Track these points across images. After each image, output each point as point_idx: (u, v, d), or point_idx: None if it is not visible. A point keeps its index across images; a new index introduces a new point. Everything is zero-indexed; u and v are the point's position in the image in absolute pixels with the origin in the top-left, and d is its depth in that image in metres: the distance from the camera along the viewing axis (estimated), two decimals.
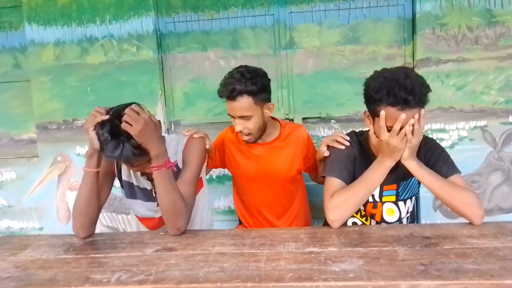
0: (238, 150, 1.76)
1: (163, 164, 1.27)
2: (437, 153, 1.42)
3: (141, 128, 1.19)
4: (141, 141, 1.21)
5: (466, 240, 1.16)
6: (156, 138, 1.24)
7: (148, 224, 1.60)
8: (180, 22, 2.40)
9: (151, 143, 1.23)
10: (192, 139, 1.50)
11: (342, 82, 2.35)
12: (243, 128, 1.59)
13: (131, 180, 1.51)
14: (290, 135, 1.73)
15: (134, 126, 1.18)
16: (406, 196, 1.52)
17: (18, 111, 2.57)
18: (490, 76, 2.22)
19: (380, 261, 1.04)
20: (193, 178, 1.42)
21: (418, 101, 1.21)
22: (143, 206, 1.53)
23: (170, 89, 2.44)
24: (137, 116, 1.19)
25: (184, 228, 1.34)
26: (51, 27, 2.37)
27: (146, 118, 1.21)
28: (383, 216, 1.52)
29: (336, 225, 1.32)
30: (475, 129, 2.26)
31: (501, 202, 2.32)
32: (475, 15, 2.19)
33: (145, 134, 1.20)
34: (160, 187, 1.29)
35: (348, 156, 1.45)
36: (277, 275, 0.99)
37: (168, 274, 1.04)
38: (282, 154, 1.71)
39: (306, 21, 2.33)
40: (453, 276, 0.92)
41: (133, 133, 1.18)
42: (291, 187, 1.78)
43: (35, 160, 2.50)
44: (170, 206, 1.29)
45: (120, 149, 1.20)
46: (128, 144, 1.20)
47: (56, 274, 1.09)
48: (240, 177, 1.80)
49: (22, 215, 2.57)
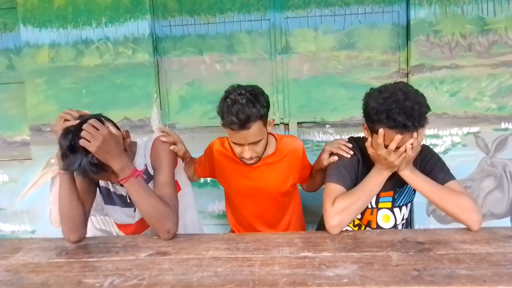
0: (228, 164, 1.66)
1: (130, 175, 1.25)
2: (433, 161, 1.43)
3: (99, 144, 1.16)
4: (101, 157, 1.19)
5: (459, 245, 1.17)
6: (117, 153, 1.22)
7: (126, 230, 1.57)
8: (176, 26, 2.40)
9: (111, 158, 1.21)
10: (157, 141, 1.47)
11: (337, 87, 2.36)
12: (252, 154, 1.48)
13: (108, 186, 1.49)
14: (286, 150, 1.62)
15: (92, 142, 1.16)
16: (402, 202, 1.53)
17: (11, 113, 2.55)
18: (483, 83, 2.24)
19: (374, 266, 1.04)
20: (167, 179, 1.39)
21: (417, 125, 1.22)
22: (121, 211, 1.51)
23: (166, 92, 2.44)
24: (96, 132, 1.17)
25: (174, 230, 1.32)
26: (47, 29, 2.36)
27: (105, 134, 1.18)
28: (378, 223, 1.52)
29: (335, 231, 1.31)
30: (468, 135, 2.28)
31: (493, 208, 2.34)
32: (468, 22, 2.21)
33: (104, 150, 1.18)
34: (134, 196, 1.27)
35: (352, 164, 1.45)
36: (271, 280, 0.99)
37: (161, 279, 1.03)
38: (276, 170, 1.62)
39: (302, 26, 2.35)
40: (446, 282, 0.93)
41: (91, 149, 1.16)
42: (283, 200, 1.72)
43: (28, 163, 2.48)
44: (152, 211, 1.28)
45: (78, 164, 1.18)
46: (86, 159, 1.18)
47: (48, 278, 1.08)
48: (230, 191, 1.75)
49: (14, 218, 2.54)
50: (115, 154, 1.21)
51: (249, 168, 1.59)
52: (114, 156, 1.21)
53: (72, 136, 1.19)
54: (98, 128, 1.18)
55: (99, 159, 1.19)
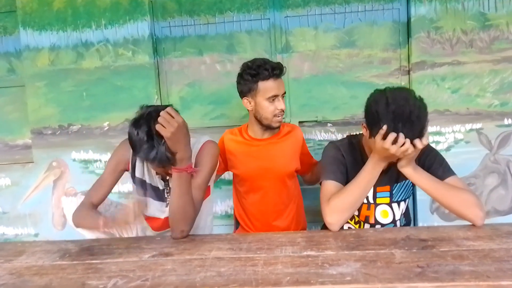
0: (238, 147, 1.81)
1: (185, 168, 1.31)
2: (432, 156, 1.43)
3: (173, 131, 1.22)
4: (171, 144, 1.24)
5: (462, 242, 1.17)
6: (185, 143, 1.28)
7: (153, 224, 1.60)
8: (176, 27, 2.40)
9: (180, 146, 1.26)
10: (207, 144, 1.51)
11: (338, 85, 2.35)
12: (284, 107, 1.70)
13: (144, 178, 1.53)
14: (288, 133, 1.83)
15: (167, 128, 1.21)
16: (400, 198, 1.53)
17: (12, 117, 2.55)
18: (485, 79, 2.23)
19: (377, 264, 1.04)
20: (202, 185, 1.44)
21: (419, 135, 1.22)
22: (152, 205, 1.55)
23: (166, 94, 2.44)
24: (171, 119, 1.22)
25: (187, 232, 1.37)
26: (46, 32, 2.36)
27: (180, 122, 1.24)
28: (377, 218, 1.52)
29: (334, 228, 1.32)
30: (470, 131, 2.27)
31: (497, 205, 2.33)
32: (469, 18, 2.20)
33: (176, 137, 1.24)
34: (176, 189, 1.32)
35: (336, 158, 1.46)
36: (275, 279, 0.99)
37: (164, 280, 1.03)
38: (281, 149, 1.78)
39: (302, 25, 2.34)
40: (450, 278, 0.92)
41: (166, 135, 1.22)
42: (289, 182, 1.83)
43: (30, 166, 2.48)
44: (180, 209, 1.33)
45: (155, 152, 1.24)
46: (163, 147, 1.24)
47: (51, 280, 1.08)
48: (241, 175, 1.82)
49: (17, 222, 2.54)
50: (183, 143, 1.27)
51: (257, 148, 1.78)
52: (183, 145, 1.27)
53: (148, 123, 1.25)
54: (174, 116, 1.23)
55: (169, 146, 1.24)
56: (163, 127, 1.22)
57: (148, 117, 1.27)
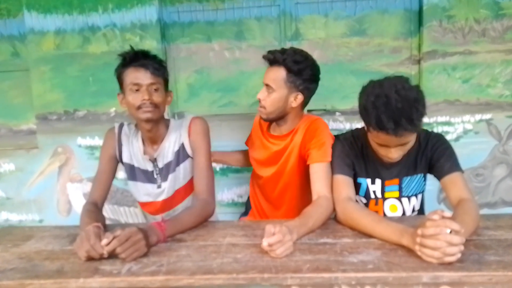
0: (257, 136, 1.75)
1: (163, 237, 1.19)
2: (442, 150, 1.37)
3: (136, 254, 1.08)
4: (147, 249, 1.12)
5: (482, 231, 1.15)
6: (147, 244, 1.11)
7: (149, 209, 1.59)
8: (184, 12, 2.35)
9: (148, 248, 1.12)
10: (194, 121, 1.50)
11: (347, 74, 2.32)
12: (262, 98, 1.54)
13: (132, 162, 1.51)
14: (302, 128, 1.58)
15: (134, 254, 1.07)
16: (410, 193, 1.46)
17: (17, 101, 2.51)
18: (497, 69, 2.20)
19: (398, 252, 1.02)
20: (207, 162, 1.47)
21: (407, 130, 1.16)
22: (143, 188, 1.53)
23: (174, 80, 2.40)
24: (128, 248, 1.08)
25: (212, 212, 1.44)
26: (52, 15, 2.31)
27: (136, 239, 1.09)
28: (386, 213, 1.47)
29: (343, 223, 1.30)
30: (480, 122, 2.25)
31: (505, 196, 2.32)
32: (482, 7, 2.16)
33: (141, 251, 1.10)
34: (181, 231, 1.28)
35: (342, 152, 1.44)
36: (294, 266, 0.97)
37: (180, 265, 1.01)
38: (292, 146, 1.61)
39: (312, 12, 2.30)
40: (476, 268, 0.91)
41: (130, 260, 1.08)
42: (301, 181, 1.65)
43: (35, 152, 2.45)
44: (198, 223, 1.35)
45: None
46: None
47: (63, 265, 1.06)
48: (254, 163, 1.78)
49: (21, 208, 2.52)
50: (147, 244, 1.11)
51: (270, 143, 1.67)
52: (148, 245, 1.12)
53: None
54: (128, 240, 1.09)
55: None
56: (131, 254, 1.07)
57: None
